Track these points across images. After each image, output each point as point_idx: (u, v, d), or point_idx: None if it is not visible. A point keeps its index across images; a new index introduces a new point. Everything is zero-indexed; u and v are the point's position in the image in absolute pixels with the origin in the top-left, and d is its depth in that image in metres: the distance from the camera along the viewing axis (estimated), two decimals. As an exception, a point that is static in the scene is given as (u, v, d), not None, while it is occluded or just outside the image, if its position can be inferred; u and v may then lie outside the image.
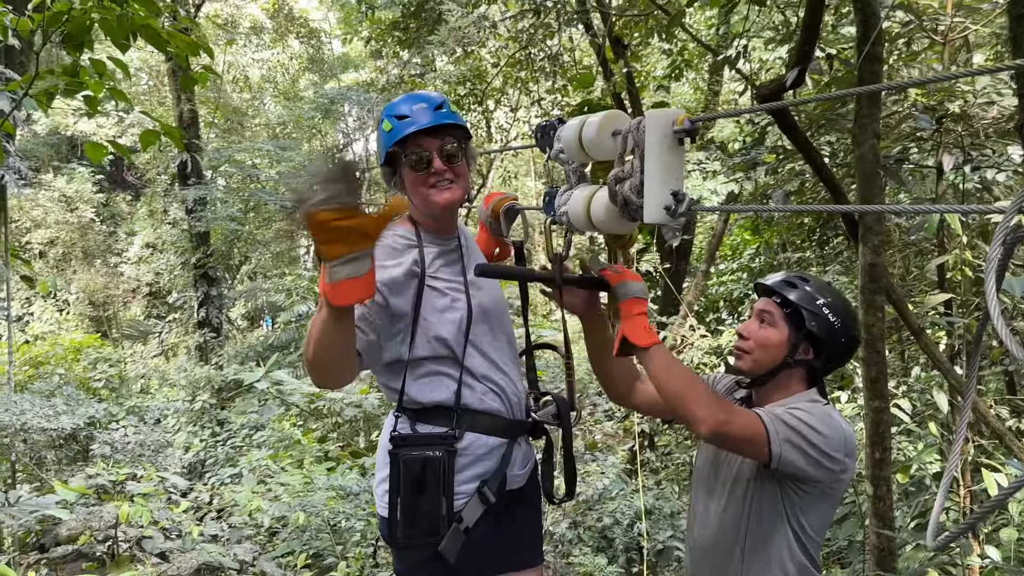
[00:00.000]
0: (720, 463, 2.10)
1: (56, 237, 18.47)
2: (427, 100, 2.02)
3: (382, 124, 2.02)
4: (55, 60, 7.61)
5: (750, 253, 10.80)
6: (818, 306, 1.97)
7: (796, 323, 1.99)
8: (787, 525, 1.95)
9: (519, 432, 2.12)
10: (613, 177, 1.65)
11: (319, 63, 20.20)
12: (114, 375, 12.98)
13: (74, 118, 17.17)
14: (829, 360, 2.03)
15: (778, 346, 2.00)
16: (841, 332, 1.98)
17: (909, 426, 5.64)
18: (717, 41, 8.16)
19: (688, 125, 1.52)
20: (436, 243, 2.08)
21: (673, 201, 1.54)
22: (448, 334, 1.99)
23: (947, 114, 5.02)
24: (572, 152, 1.90)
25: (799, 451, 1.83)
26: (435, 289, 2.00)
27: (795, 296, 1.99)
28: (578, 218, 1.85)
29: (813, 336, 1.97)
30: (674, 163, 1.56)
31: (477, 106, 10.16)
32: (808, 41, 3.80)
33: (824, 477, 1.88)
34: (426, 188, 2.01)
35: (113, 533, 6.01)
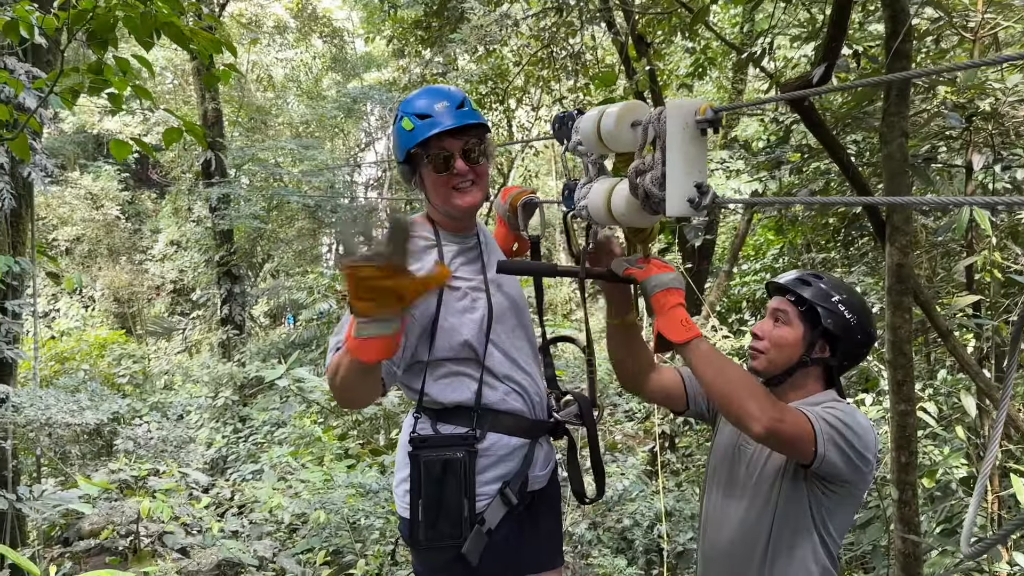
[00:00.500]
0: (738, 462, 2.05)
1: (82, 234, 18.70)
2: (448, 97, 1.97)
3: (401, 121, 1.97)
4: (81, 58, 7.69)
5: (773, 253, 10.69)
6: (833, 303, 1.94)
7: (811, 321, 1.95)
8: (814, 527, 1.91)
9: (541, 432, 2.09)
10: (634, 169, 1.62)
11: (342, 62, 20.31)
12: (138, 371, 13.11)
13: (100, 116, 17.37)
14: (845, 358, 2.00)
15: (794, 345, 1.96)
16: (857, 329, 1.94)
17: (935, 430, 5.54)
18: (741, 39, 8.08)
19: (711, 115, 1.47)
20: (455, 241, 2.05)
21: (697, 193, 1.50)
22: (469, 334, 1.96)
23: (977, 112, 4.93)
24: (590, 144, 1.86)
25: (839, 451, 1.80)
26: (455, 289, 1.97)
27: (810, 293, 1.95)
28: (598, 212, 1.81)
29: (829, 333, 1.94)
30: (697, 154, 1.52)
31: (499, 105, 10.15)
32: (835, 38, 3.74)
33: (855, 478, 1.86)
34: (448, 189, 1.97)
35: (135, 528, 6.07)
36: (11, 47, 4.87)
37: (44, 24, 3.57)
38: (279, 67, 20.07)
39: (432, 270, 1.67)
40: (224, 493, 8.10)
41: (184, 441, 9.97)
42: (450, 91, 2.00)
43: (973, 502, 1.08)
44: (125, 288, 19.04)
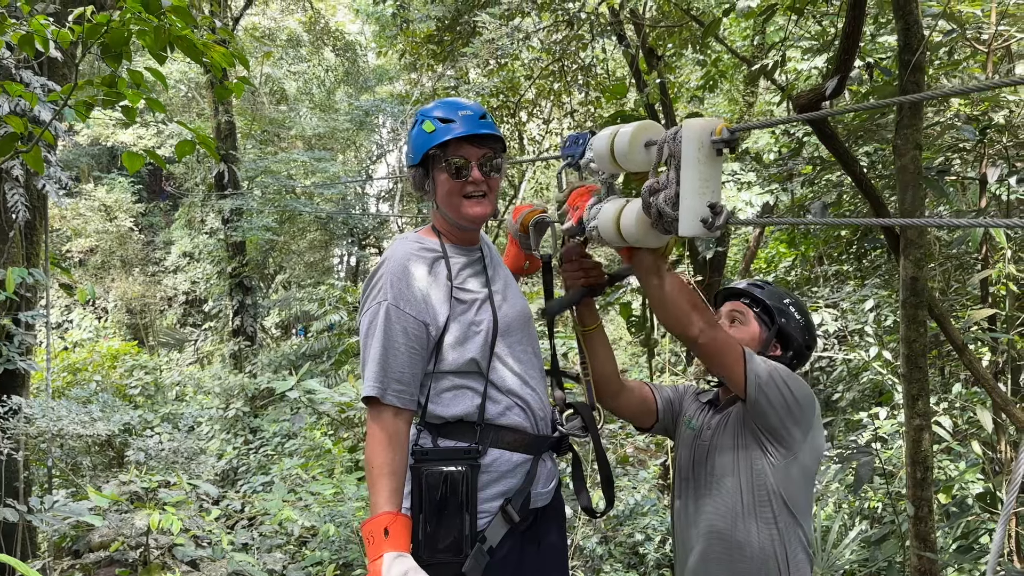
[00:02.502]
0: (699, 465, 2.10)
1: (95, 246, 18.83)
2: (471, 108, 1.99)
3: (421, 124, 1.98)
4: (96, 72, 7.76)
5: (785, 266, 10.63)
6: (785, 304, 2.12)
7: (766, 321, 2.12)
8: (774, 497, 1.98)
9: (544, 448, 2.06)
10: (647, 188, 1.60)
11: (354, 75, 20.42)
12: (150, 382, 13.15)
13: (114, 129, 17.52)
14: (795, 357, 2.14)
15: (751, 343, 2.08)
16: (805, 330, 2.13)
17: (951, 444, 5.48)
18: (752, 52, 8.07)
19: (727, 135, 1.46)
20: (461, 254, 2.04)
21: (710, 213, 1.48)
22: (474, 347, 1.94)
23: (991, 124, 4.90)
24: (603, 162, 1.85)
25: (772, 385, 1.91)
26: (461, 301, 1.96)
27: (764, 295, 2.13)
28: (608, 232, 1.80)
29: (782, 332, 2.11)
30: (712, 174, 1.50)
31: (510, 118, 10.16)
32: (848, 50, 3.72)
33: (793, 434, 1.96)
34: (460, 198, 1.97)
35: (145, 540, 6.06)
36: (27, 60, 4.92)
37: (59, 38, 3.60)
38: (292, 80, 20.20)
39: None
40: (234, 505, 8.09)
41: (195, 453, 9.98)
42: (472, 104, 2.02)
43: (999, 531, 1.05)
44: (138, 299, 19.14)
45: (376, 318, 1.88)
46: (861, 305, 7.09)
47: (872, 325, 6.94)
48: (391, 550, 1.74)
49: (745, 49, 8.66)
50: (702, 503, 2.06)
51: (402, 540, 1.78)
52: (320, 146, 18.92)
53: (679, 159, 1.52)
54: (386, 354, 1.87)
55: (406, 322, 1.88)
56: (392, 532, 1.76)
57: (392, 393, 1.87)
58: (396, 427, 1.87)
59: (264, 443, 10.23)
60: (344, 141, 19.98)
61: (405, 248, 1.98)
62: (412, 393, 1.90)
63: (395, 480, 1.83)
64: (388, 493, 1.80)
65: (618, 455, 9.36)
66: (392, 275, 1.91)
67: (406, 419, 1.90)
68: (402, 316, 1.88)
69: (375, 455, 1.84)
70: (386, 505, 1.79)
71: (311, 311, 14.39)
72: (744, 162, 7.03)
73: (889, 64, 5.42)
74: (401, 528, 1.79)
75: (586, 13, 7.91)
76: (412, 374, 1.89)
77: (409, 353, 1.88)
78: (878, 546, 5.16)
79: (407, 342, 1.88)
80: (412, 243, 2.00)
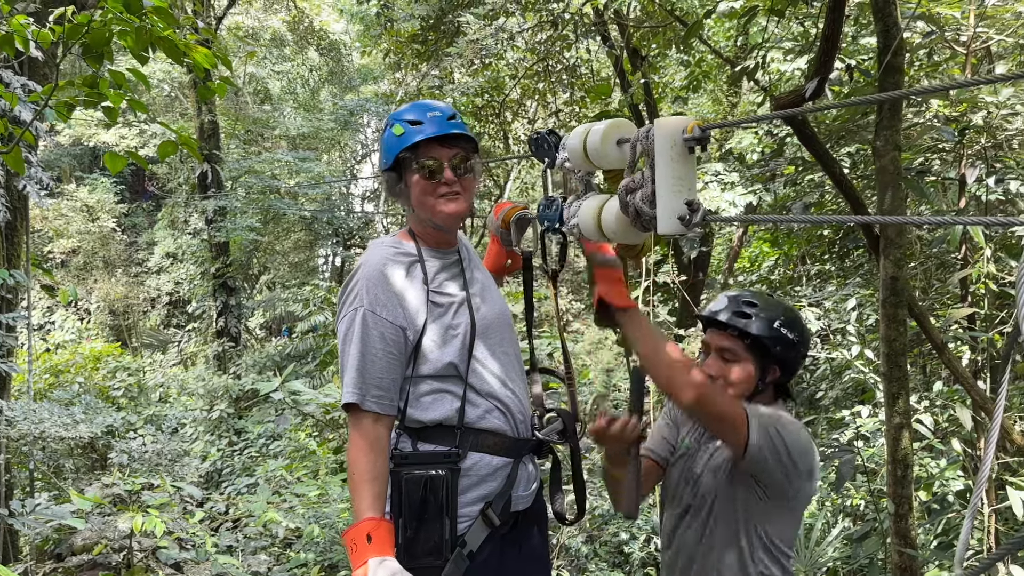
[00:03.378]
0: (690, 481, 2.05)
1: (78, 246, 18.68)
2: (440, 109, 1.99)
3: (391, 128, 1.98)
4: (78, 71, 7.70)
5: (769, 265, 10.70)
6: (776, 329, 1.96)
7: (759, 352, 1.97)
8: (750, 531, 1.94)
9: (524, 451, 2.05)
10: (624, 187, 1.62)
11: (339, 75, 20.36)
12: (133, 384, 13.06)
13: (97, 129, 17.40)
14: (793, 372, 2.06)
15: (748, 380, 1.98)
16: (800, 344, 1.99)
17: (931, 442, 5.54)
18: (735, 52, 8.12)
19: (698, 133, 1.47)
20: (437, 256, 2.04)
21: (687, 211, 1.50)
22: (452, 350, 1.94)
23: (970, 125, 4.95)
24: (577, 161, 1.87)
25: (771, 447, 1.82)
26: (438, 305, 1.96)
27: (755, 328, 1.95)
28: (589, 229, 1.81)
29: (779, 359, 1.98)
30: (686, 172, 1.52)
31: (495, 118, 10.17)
32: (828, 52, 3.76)
33: (788, 488, 1.89)
34: (434, 198, 1.97)
35: (128, 543, 6.02)
36: (7, 60, 4.88)
37: (39, 38, 3.57)
38: (276, 80, 20.12)
39: None
40: (219, 507, 8.05)
41: (179, 455, 9.92)
42: (441, 105, 2.02)
43: (966, 524, 1.07)
44: (120, 300, 19.01)
45: (353, 324, 1.89)
46: (843, 304, 7.15)
47: (854, 324, 7.00)
48: (375, 555, 1.74)
49: (729, 50, 8.71)
50: (684, 525, 2.05)
51: (386, 545, 1.78)
52: (304, 146, 18.85)
53: (653, 157, 1.54)
54: (364, 360, 1.87)
55: (383, 327, 1.88)
56: (375, 538, 1.76)
57: (371, 399, 1.87)
58: (376, 433, 1.87)
59: (249, 445, 10.19)
60: (328, 141, 19.92)
61: (380, 253, 1.98)
62: (392, 398, 1.90)
63: (377, 486, 1.83)
64: (370, 499, 1.81)
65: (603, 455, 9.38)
66: (368, 280, 1.91)
67: (386, 424, 1.90)
68: (379, 322, 1.88)
69: (356, 461, 1.84)
70: (369, 511, 1.80)
71: (296, 312, 14.34)
72: (727, 162, 7.07)
73: (869, 66, 5.47)
74: (384, 533, 1.79)
75: (570, 13, 7.94)
76: (391, 379, 1.90)
77: (387, 359, 1.88)
78: (860, 543, 5.21)
79: (385, 347, 1.88)
80: (387, 248, 2.00)
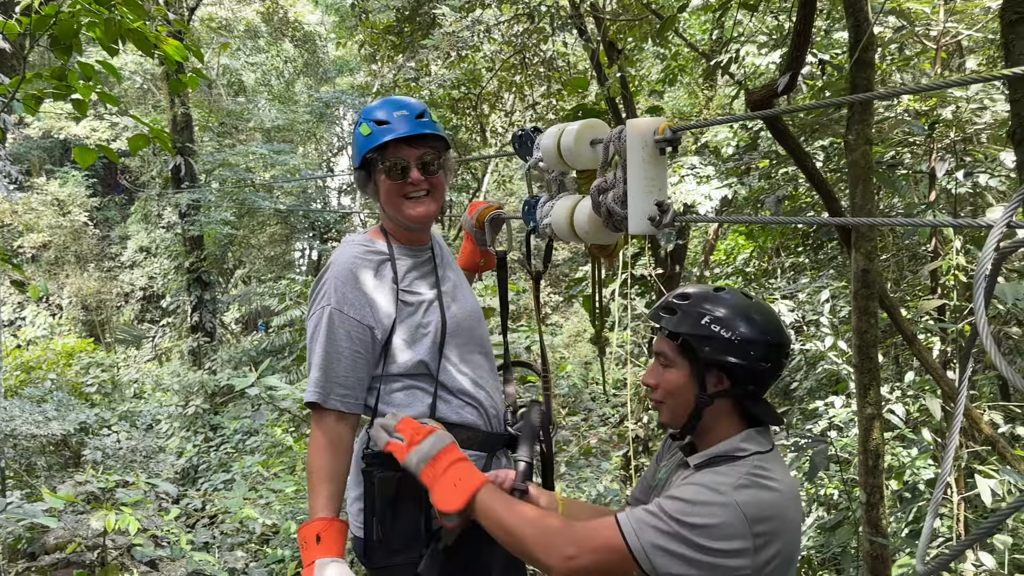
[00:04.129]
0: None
1: (48, 241, 18.42)
2: (408, 107, 1.96)
3: (359, 127, 1.96)
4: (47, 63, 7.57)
5: (744, 258, 10.79)
6: (705, 326, 1.59)
7: (690, 354, 1.62)
8: None
9: (497, 445, 2.06)
10: (596, 188, 1.62)
11: (314, 67, 20.21)
12: (107, 380, 12.93)
13: (67, 121, 17.15)
14: (751, 382, 1.62)
15: (685, 388, 1.64)
16: (746, 345, 1.57)
17: (903, 431, 5.62)
18: (710, 46, 8.16)
19: (669, 134, 1.49)
20: (409, 255, 2.03)
21: (657, 212, 1.51)
22: (422, 349, 1.94)
23: (939, 120, 5.02)
24: (551, 161, 1.87)
25: (671, 555, 1.47)
26: (408, 304, 1.96)
27: (675, 324, 1.62)
28: (561, 229, 1.82)
29: (714, 363, 1.59)
30: (657, 173, 1.53)
31: (472, 111, 10.15)
32: (799, 47, 3.78)
33: (720, 574, 1.48)
34: (401, 198, 1.96)
35: (102, 541, 5.97)
36: (-28, 53, 4.79)
37: (6, 29, 3.51)
38: (250, 71, 19.92)
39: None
40: (195, 504, 8.00)
41: (154, 451, 9.85)
42: (410, 102, 1.99)
43: (928, 521, 1.09)
44: (93, 296, 18.78)
45: (320, 323, 1.89)
46: (817, 296, 7.23)
47: (827, 316, 7.08)
48: (322, 556, 1.75)
49: (704, 43, 8.75)
50: None
51: (334, 546, 1.77)
52: (279, 138, 18.71)
53: (625, 158, 1.55)
54: (329, 359, 1.87)
55: (349, 326, 1.87)
56: (324, 538, 1.76)
57: (335, 397, 1.87)
58: (339, 432, 1.87)
59: (225, 440, 10.13)
60: (304, 133, 19.78)
61: (350, 252, 1.97)
62: (357, 397, 1.90)
63: (333, 485, 1.84)
64: (325, 499, 1.81)
65: (581, 447, 9.44)
66: (336, 279, 1.90)
67: (350, 423, 1.90)
68: (345, 320, 1.87)
69: (315, 460, 1.85)
70: (322, 511, 1.80)
71: (272, 307, 14.25)
72: (703, 156, 7.11)
73: (841, 60, 5.52)
74: (335, 534, 1.79)
75: (546, 6, 7.93)
76: (356, 378, 1.89)
77: (353, 357, 1.88)
78: (833, 532, 5.28)
79: (351, 346, 1.88)
80: (357, 246, 1.99)
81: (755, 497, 1.50)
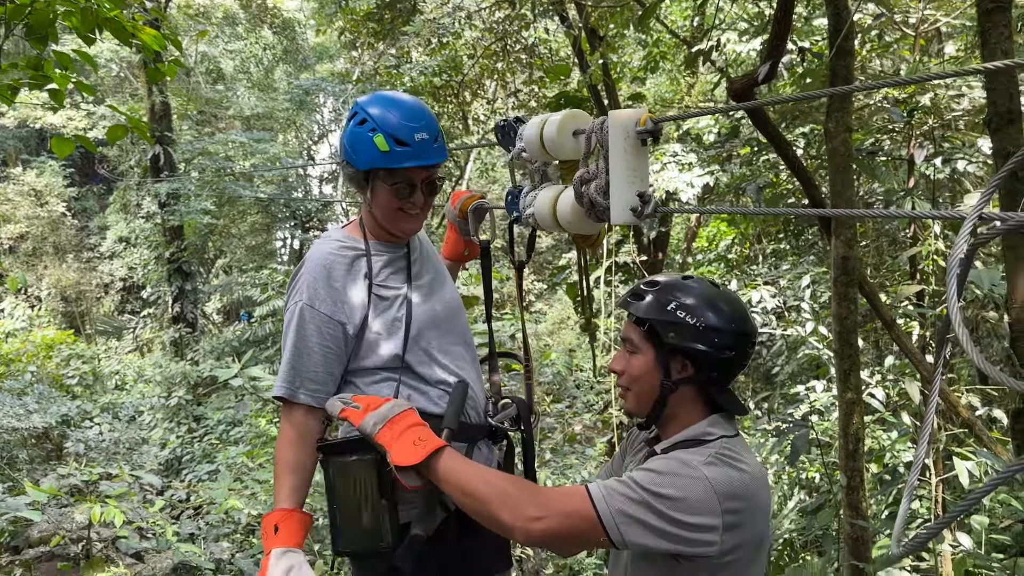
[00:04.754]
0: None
1: (26, 232, 18.21)
2: (427, 128, 1.90)
3: (373, 136, 1.89)
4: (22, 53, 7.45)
5: (726, 244, 10.86)
6: (670, 312, 1.61)
7: (656, 339, 1.64)
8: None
9: (478, 435, 2.07)
10: (579, 178, 1.63)
11: (293, 54, 20.04)
12: (88, 372, 12.82)
13: (43, 111, 16.92)
14: (716, 369, 1.63)
15: (648, 373, 1.65)
16: (711, 333, 1.59)
17: (883, 415, 5.70)
18: (692, 32, 8.17)
19: (651, 126, 1.50)
20: (385, 251, 2.04)
21: (639, 202, 1.52)
22: (397, 342, 1.96)
23: (918, 107, 5.06)
24: (534, 151, 1.88)
25: (640, 525, 1.47)
26: (383, 299, 1.97)
27: (643, 309, 1.64)
28: (544, 219, 1.83)
29: (679, 349, 1.61)
30: (638, 164, 1.54)
31: (454, 98, 10.11)
32: (780, 35, 3.80)
33: (688, 548, 1.49)
34: (398, 212, 1.97)
35: (86, 534, 5.94)
36: (-55, 42, 4.70)
37: (-21, 20, 3.46)
38: (229, 59, 19.71)
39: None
40: (179, 495, 7.98)
41: (137, 443, 9.79)
42: (428, 117, 1.93)
43: (903, 505, 1.11)
44: (72, 287, 18.60)
45: (292, 319, 1.92)
46: (797, 282, 7.29)
47: (808, 301, 7.15)
48: (279, 546, 1.78)
49: (685, 30, 8.75)
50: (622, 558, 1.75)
51: (292, 536, 1.80)
52: (259, 126, 18.56)
53: (607, 149, 1.56)
54: (299, 354, 1.90)
55: (320, 321, 1.89)
56: (282, 528, 1.79)
57: (305, 392, 1.89)
58: (307, 425, 1.90)
59: (208, 431, 10.09)
60: (284, 121, 19.63)
61: (324, 248, 1.99)
62: (327, 391, 1.92)
63: (297, 477, 1.86)
64: (288, 490, 1.85)
65: (566, 433, 9.48)
66: (309, 275, 1.93)
67: (318, 417, 1.92)
68: (316, 316, 1.89)
69: (282, 451, 1.88)
70: (284, 502, 1.83)
71: (254, 296, 14.18)
72: (685, 143, 7.13)
73: (821, 47, 5.54)
74: (294, 524, 1.81)
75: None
76: (327, 373, 1.91)
77: (323, 352, 1.90)
78: (814, 515, 5.35)
79: (321, 341, 1.90)
80: (332, 242, 2.00)
81: (725, 475, 1.51)
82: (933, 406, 1.09)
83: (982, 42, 3.02)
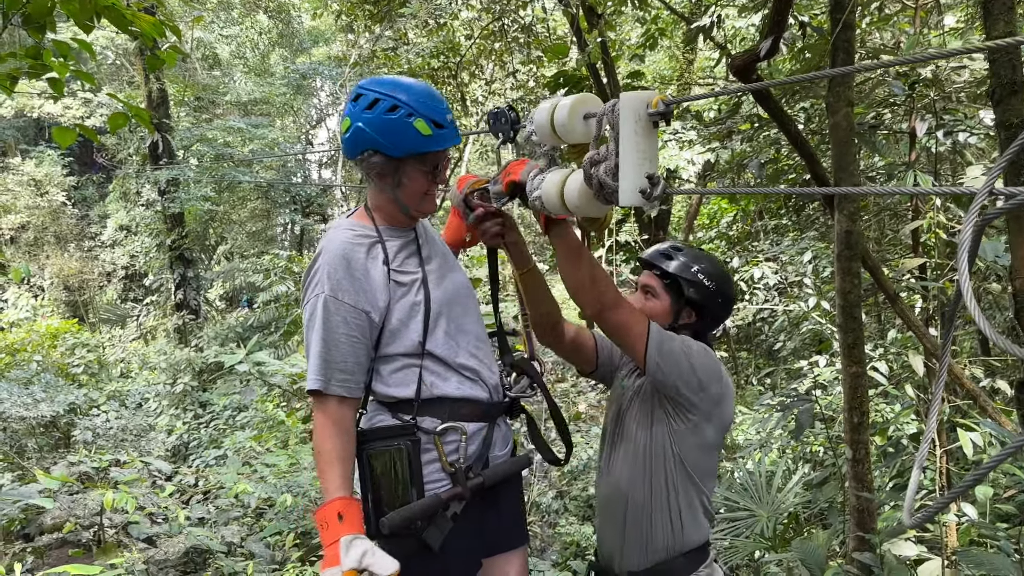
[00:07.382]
0: (619, 419, 2.19)
1: (27, 222, 18.21)
2: (447, 108, 1.98)
3: (412, 121, 1.90)
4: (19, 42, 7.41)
5: (727, 221, 10.85)
6: (693, 273, 2.14)
7: (676, 292, 2.16)
8: (668, 460, 2.07)
9: (498, 414, 2.12)
10: (588, 160, 1.64)
11: (289, 38, 19.91)
12: (93, 360, 12.87)
13: (40, 100, 16.85)
14: (710, 320, 2.22)
15: (663, 315, 2.17)
16: (717, 294, 2.15)
17: (887, 388, 5.72)
18: (691, 9, 8.12)
19: (663, 108, 1.50)
20: (396, 236, 2.05)
21: (648, 184, 1.53)
22: (417, 327, 1.97)
23: (919, 79, 5.04)
24: (544, 135, 1.89)
25: (674, 361, 1.97)
26: (401, 284, 1.99)
27: (672, 267, 2.16)
28: (551, 202, 1.84)
29: (692, 301, 2.15)
30: (649, 146, 1.55)
31: (452, 80, 10.05)
32: (781, 11, 3.78)
33: (695, 406, 2.02)
34: (424, 194, 2.02)
35: (98, 520, 6.00)
36: (-57, 33, 4.69)
37: (-23, 10, 3.45)
38: (224, 44, 19.60)
39: None
40: (188, 480, 8.04)
41: (144, 429, 9.86)
42: (440, 97, 2.00)
43: (914, 475, 1.13)
44: (75, 276, 18.62)
45: (316, 311, 1.91)
46: (799, 257, 7.29)
47: (810, 276, 7.16)
48: (347, 533, 1.79)
49: (684, 7, 8.69)
50: (613, 460, 2.19)
51: (356, 523, 1.83)
52: (257, 112, 18.49)
53: (618, 131, 1.56)
54: (327, 346, 1.90)
55: (345, 312, 1.90)
56: (346, 516, 1.81)
57: (336, 383, 1.90)
58: (342, 414, 1.91)
59: (215, 417, 10.14)
60: (281, 106, 19.54)
61: (340, 237, 1.98)
62: (358, 381, 1.94)
63: (343, 466, 1.88)
64: (339, 479, 1.85)
65: (571, 412, 9.53)
66: (329, 266, 1.92)
67: (352, 406, 1.94)
68: (341, 307, 1.90)
69: (323, 442, 1.88)
70: (337, 491, 1.84)
71: (256, 282, 14.19)
72: (685, 120, 7.11)
73: (822, 21, 5.52)
74: (355, 512, 1.84)
75: (524, -28, 7.84)
76: (356, 362, 1.93)
77: (351, 343, 1.91)
78: (819, 488, 5.38)
79: (348, 332, 1.91)
80: (346, 231, 2.00)
81: (720, 362, 2.11)
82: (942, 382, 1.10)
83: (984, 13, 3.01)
